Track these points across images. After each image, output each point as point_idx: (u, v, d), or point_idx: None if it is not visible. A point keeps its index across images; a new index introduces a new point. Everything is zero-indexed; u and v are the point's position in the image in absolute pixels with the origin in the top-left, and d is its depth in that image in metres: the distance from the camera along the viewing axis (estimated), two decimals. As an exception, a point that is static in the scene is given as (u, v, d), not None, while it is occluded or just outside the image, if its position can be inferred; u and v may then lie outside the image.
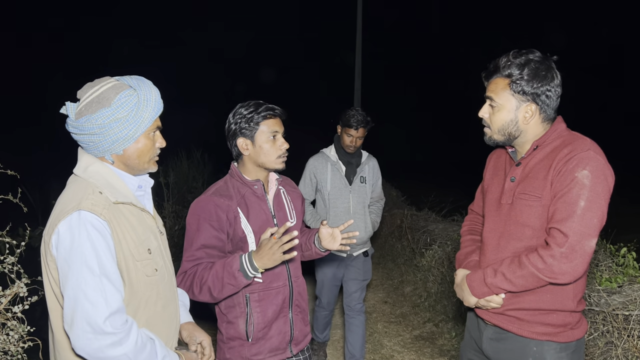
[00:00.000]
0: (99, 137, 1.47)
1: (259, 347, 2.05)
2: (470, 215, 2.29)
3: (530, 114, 1.80)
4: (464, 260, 2.09)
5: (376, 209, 3.75)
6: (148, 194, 1.69)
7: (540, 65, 1.77)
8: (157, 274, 1.57)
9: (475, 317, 2.06)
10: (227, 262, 1.90)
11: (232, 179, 2.10)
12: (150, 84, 1.57)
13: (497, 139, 1.88)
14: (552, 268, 1.66)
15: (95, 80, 1.53)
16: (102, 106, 1.46)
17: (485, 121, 1.90)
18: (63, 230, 1.38)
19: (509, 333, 1.88)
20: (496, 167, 2.06)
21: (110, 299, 1.36)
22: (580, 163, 1.68)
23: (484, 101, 1.90)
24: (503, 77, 1.81)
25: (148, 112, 1.52)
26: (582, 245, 1.65)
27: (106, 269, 1.38)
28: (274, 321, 2.07)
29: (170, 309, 1.65)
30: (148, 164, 1.60)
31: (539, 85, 1.76)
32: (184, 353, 1.62)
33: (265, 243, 1.82)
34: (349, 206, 3.59)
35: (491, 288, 1.82)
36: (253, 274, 1.87)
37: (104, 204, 1.44)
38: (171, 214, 6.47)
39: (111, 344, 1.34)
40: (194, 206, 2.05)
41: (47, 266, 1.44)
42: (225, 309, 2.05)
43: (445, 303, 4.63)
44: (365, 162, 3.66)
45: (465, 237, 2.20)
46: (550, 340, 1.80)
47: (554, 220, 1.70)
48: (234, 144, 2.06)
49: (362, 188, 3.62)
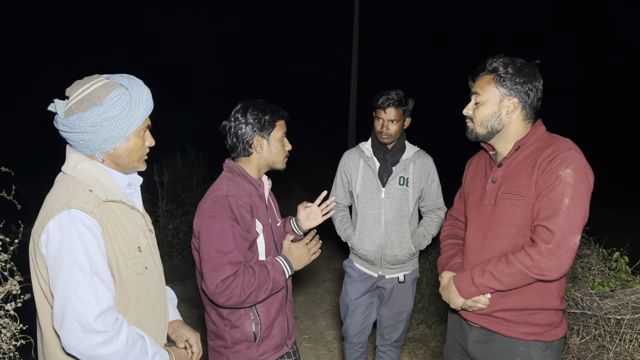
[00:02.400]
0: (90, 135, 1.46)
1: (265, 347, 2.06)
2: (449, 220, 2.33)
3: (512, 107, 1.86)
4: (446, 263, 2.10)
5: (429, 221, 2.97)
6: (137, 192, 1.68)
7: (524, 65, 1.86)
8: (147, 272, 1.56)
9: (459, 319, 2.07)
10: (270, 267, 1.97)
11: (236, 177, 2.04)
12: (141, 82, 1.57)
13: (479, 132, 1.93)
14: (540, 264, 1.70)
15: (85, 78, 1.52)
16: (94, 104, 1.45)
17: (469, 116, 1.95)
18: (53, 229, 1.37)
19: (496, 334, 1.90)
20: (476, 171, 2.10)
21: (101, 298, 1.35)
22: (563, 162, 1.73)
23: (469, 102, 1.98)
24: (489, 72, 1.90)
25: (139, 111, 1.51)
26: (568, 242, 1.69)
27: (97, 267, 1.37)
28: (276, 319, 2.09)
29: (160, 306, 1.66)
30: (138, 162, 1.60)
31: (522, 81, 1.84)
32: (173, 350, 1.63)
33: (297, 247, 2.07)
34: (380, 213, 2.90)
35: (479, 288, 1.84)
36: (290, 273, 2.03)
37: (94, 202, 1.43)
38: (165, 213, 6.44)
39: (102, 343, 1.33)
40: (213, 207, 1.91)
41: (35, 265, 1.43)
42: (228, 314, 2.01)
43: (438, 305, 4.64)
44: (411, 159, 2.93)
45: (446, 242, 2.24)
46: (537, 340, 1.85)
47: (540, 217, 1.74)
48: (246, 141, 2.03)
49: (400, 191, 2.89)
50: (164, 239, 6.11)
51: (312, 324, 4.73)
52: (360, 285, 3.05)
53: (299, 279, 5.97)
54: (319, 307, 5.13)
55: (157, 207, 6.37)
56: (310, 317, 4.87)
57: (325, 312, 5.02)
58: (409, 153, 2.95)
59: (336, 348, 4.22)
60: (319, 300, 5.34)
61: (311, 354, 4.12)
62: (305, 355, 4.10)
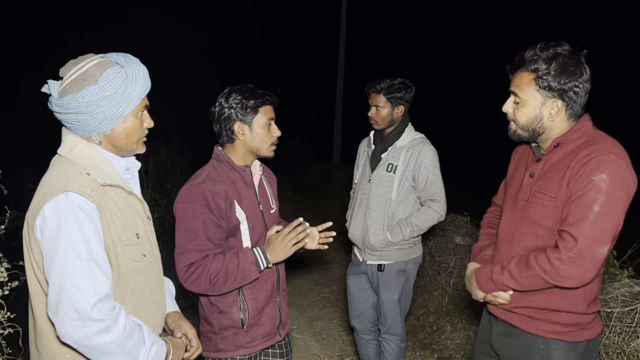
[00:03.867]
0: (86, 116, 1.41)
1: (253, 334, 2.04)
2: (492, 207, 2.27)
3: (556, 110, 1.73)
4: (478, 253, 2.09)
5: (417, 213, 2.85)
6: (135, 177, 1.63)
7: (568, 60, 1.68)
8: (145, 260, 1.52)
9: (488, 314, 2.06)
10: (241, 256, 1.92)
11: (220, 164, 2.04)
12: (138, 61, 1.51)
13: (522, 134, 1.83)
14: (559, 272, 1.63)
15: (79, 57, 1.46)
16: (89, 83, 1.39)
17: (509, 116, 1.84)
18: (49, 213, 1.31)
19: (517, 329, 1.87)
20: (520, 161, 2.01)
21: (99, 285, 1.30)
22: (599, 166, 1.61)
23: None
24: (529, 71, 1.73)
25: (136, 90, 1.46)
26: (592, 251, 1.59)
27: (94, 253, 1.32)
28: (265, 307, 2.07)
29: (158, 296, 1.61)
30: (136, 144, 1.54)
31: (566, 81, 1.68)
32: (170, 339, 1.58)
33: (275, 238, 1.97)
34: (367, 198, 2.93)
35: (497, 284, 1.81)
36: (265, 267, 1.96)
37: (92, 185, 1.37)
38: (150, 202, 6.36)
39: (99, 331, 1.28)
40: (187, 194, 1.93)
41: (29, 250, 1.37)
42: (215, 300, 2.01)
43: (426, 297, 4.66)
44: (407, 146, 2.87)
45: (484, 230, 2.19)
46: (558, 339, 1.78)
47: (566, 222, 1.65)
48: (227, 127, 2.00)
49: (386, 178, 2.87)
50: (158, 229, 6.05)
51: (300, 314, 4.71)
52: (354, 269, 3.12)
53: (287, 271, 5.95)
54: (306, 299, 5.12)
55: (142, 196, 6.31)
56: (298, 308, 4.86)
57: (313, 303, 5.00)
58: (404, 140, 2.90)
59: (325, 339, 4.21)
60: (307, 291, 5.33)
61: (300, 345, 4.11)
62: (294, 346, 4.08)
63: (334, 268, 6.02)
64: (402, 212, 2.88)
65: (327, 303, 4.98)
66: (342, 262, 6.15)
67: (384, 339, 3.04)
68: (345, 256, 6.05)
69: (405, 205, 2.89)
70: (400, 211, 2.87)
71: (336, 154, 13.63)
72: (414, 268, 3.00)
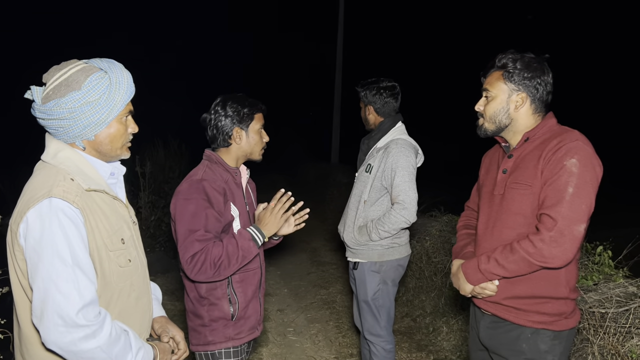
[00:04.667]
0: (69, 122, 1.40)
1: (241, 327, 2.14)
2: (466, 211, 2.38)
3: (520, 102, 1.91)
4: (459, 252, 2.18)
5: (383, 217, 2.77)
6: (120, 182, 1.62)
7: (532, 60, 1.90)
8: (130, 265, 1.51)
9: (474, 309, 2.15)
10: (237, 237, 2.03)
11: (213, 164, 2.15)
12: (122, 66, 1.50)
13: (488, 127, 1.98)
14: (542, 252, 1.74)
15: (62, 63, 1.45)
16: (72, 89, 1.38)
17: (480, 112, 2.00)
18: (32, 219, 1.30)
19: (506, 322, 1.95)
20: (490, 163, 2.15)
21: (84, 290, 1.29)
22: (569, 152, 1.76)
23: (476, 98, 2.02)
24: (498, 69, 1.94)
25: (120, 96, 1.45)
26: (571, 230, 1.72)
27: (79, 259, 1.31)
28: (251, 301, 2.17)
29: (144, 300, 1.60)
30: (121, 150, 1.54)
31: (529, 76, 1.88)
32: (157, 344, 1.58)
33: (264, 213, 2.11)
34: (350, 197, 3.01)
35: (485, 274, 1.90)
36: (262, 241, 2.07)
37: (76, 191, 1.37)
38: (147, 204, 6.34)
39: (84, 337, 1.27)
40: (188, 191, 2.02)
41: (13, 257, 1.36)
42: (206, 292, 2.08)
43: (423, 298, 4.65)
44: (383, 147, 2.87)
45: (461, 232, 2.30)
46: (545, 329, 1.87)
47: (544, 206, 1.78)
48: (225, 133, 2.13)
49: (363, 178, 2.91)
50: (145, 231, 6.02)
51: (297, 316, 4.70)
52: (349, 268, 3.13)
53: (284, 272, 5.95)
54: (303, 300, 5.11)
55: (139, 198, 6.27)
56: (295, 310, 4.85)
57: (309, 304, 4.99)
58: (383, 142, 2.88)
59: (321, 341, 4.20)
60: (304, 292, 5.32)
61: (296, 347, 4.10)
62: (290, 348, 4.07)
63: (331, 269, 6.01)
64: (374, 213, 2.85)
65: (324, 305, 4.97)
66: (339, 263, 6.14)
67: (369, 341, 3.00)
68: (342, 257, 6.03)
69: (379, 207, 2.86)
70: (373, 212, 2.85)
71: (334, 154, 13.61)
72: (390, 271, 2.91)
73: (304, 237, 7.28)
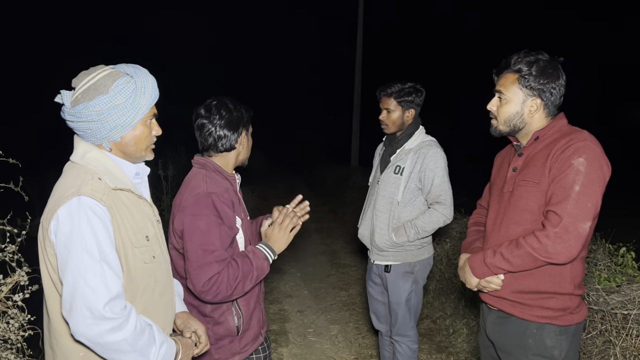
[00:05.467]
0: (97, 124, 1.46)
1: (246, 339, 2.09)
2: (478, 209, 2.42)
3: (535, 107, 1.93)
4: (468, 247, 2.22)
5: (422, 215, 2.85)
6: (145, 182, 1.68)
7: (548, 64, 1.91)
8: (154, 261, 1.56)
9: (481, 305, 2.18)
10: (251, 256, 1.96)
11: (210, 172, 2.02)
12: (146, 71, 1.56)
13: (502, 129, 2.01)
14: (547, 248, 1.77)
15: (91, 68, 1.52)
16: (100, 93, 1.45)
17: (492, 113, 2.03)
18: (62, 216, 1.37)
19: (511, 316, 1.98)
20: (502, 162, 2.19)
21: (110, 285, 1.35)
22: (577, 151, 1.79)
23: (493, 95, 2.04)
24: (513, 72, 1.95)
25: (145, 99, 1.51)
26: (576, 227, 1.75)
27: (106, 254, 1.37)
28: (254, 310, 2.13)
29: (167, 296, 1.66)
30: (145, 151, 1.60)
31: (545, 82, 1.90)
32: (179, 339, 1.63)
33: (272, 230, 2.05)
34: (375, 199, 2.98)
35: (490, 268, 1.93)
36: (273, 258, 2.02)
37: (103, 189, 1.43)
38: (169, 207, 6.46)
39: (111, 329, 1.33)
40: (196, 206, 1.90)
41: (44, 252, 1.43)
42: (210, 312, 2.02)
43: (443, 300, 4.64)
44: (415, 148, 2.89)
45: (471, 228, 2.34)
46: (550, 323, 1.90)
47: (551, 203, 1.81)
48: (229, 137, 2.03)
49: (393, 180, 2.90)
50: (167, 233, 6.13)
51: (317, 317, 4.73)
52: (370, 272, 3.17)
53: (304, 274, 5.99)
54: (323, 302, 5.14)
55: (162, 201, 6.39)
56: (315, 311, 4.88)
57: (329, 306, 5.02)
58: (412, 143, 2.92)
59: (341, 342, 4.23)
60: (323, 294, 5.35)
61: (316, 348, 4.13)
62: (310, 349, 4.11)
63: (350, 271, 6.03)
64: (409, 214, 2.89)
65: (344, 306, 5.00)
66: (358, 265, 6.16)
67: (395, 341, 3.06)
68: (362, 259, 6.06)
69: (412, 207, 2.90)
70: (407, 213, 2.89)
71: (354, 157, 13.62)
72: (422, 270, 3.00)
73: (324, 239, 7.34)
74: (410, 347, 3.03)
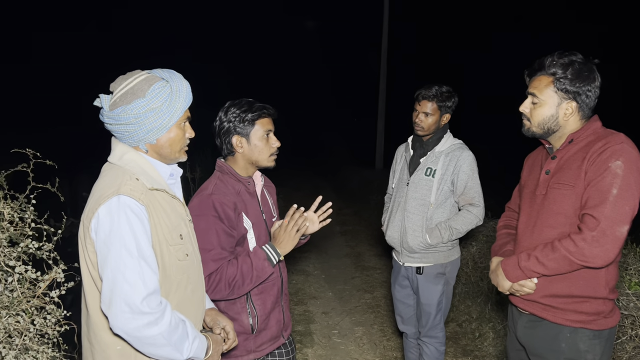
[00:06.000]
0: (135, 126, 1.52)
1: (262, 338, 2.13)
2: (507, 212, 2.39)
3: (570, 111, 1.91)
4: (499, 250, 2.19)
5: (456, 216, 2.90)
6: (178, 183, 1.74)
7: (583, 67, 1.88)
8: (187, 259, 1.62)
9: (511, 308, 2.15)
10: (252, 256, 2.00)
11: (224, 175, 2.10)
12: (181, 76, 1.62)
13: (536, 131, 1.99)
14: (584, 251, 1.75)
15: (128, 73, 1.58)
16: (137, 97, 1.51)
17: (525, 115, 2.00)
18: (103, 214, 1.43)
19: (544, 320, 1.96)
20: (533, 164, 2.16)
21: (148, 281, 1.41)
22: (614, 154, 1.77)
23: (525, 97, 2.01)
24: (547, 75, 1.92)
25: (180, 103, 1.57)
26: (613, 231, 1.73)
27: (144, 251, 1.43)
28: (272, 311, 2.15)
29: (198, 293, 1.71)
30: (179, 153, 1.65)
31: (581, 85, 1.87)
32: (210, 335, 1.68)
33: (278, 231, 2.06)
34: (404, 201, 2.98)
35: (524, 271, 1.91)
36: (277, 260, 2.04)
37: (141, 189, 1.49)
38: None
39: (147, 324, 1.38)
40: (198, 207, 2.00)
41: (85, 249, 1.49)
42: (225, 307, 2.07)
43: (469, 303, 4.61)
44: (446, 151, 2.92)
45: (501, 231, 2.31)
46: (584, 328, 1.88)
47: (587, 206, 1.79)
48: (226, 141, 2.09)
49: (424, 181, 2.91)
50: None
51: (341, 319, 4.75)
52: (396, 275, 3.17)
53: (328, 276, 6.01)
54: (347, 304, 5.15)
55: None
56: (339, 313, 4.90)
57: (354, 308, 5.03)
58: (443, 145, 2.94)
59: (365, 344, 4.24)
60: (348, 297, 5.36)
61: (341, 349, 4.15)
62: (335, 350, 4.13)
63: (375, 274, 6.03)
64: (440, 215, 2.92)
65: (369, 309, 5.00)
66: (383, 268, 6.15)
67: (423, 342, 3.08)
68: (387, 262, 6.05)
69: (444, 209, 2.93)
70: (439, 214, 2.92)
71: (379, 160, 13.60)
72: (453, 271, 3.02)
73: (348, 242, 7.34)
74: (437, 349, 3.04)
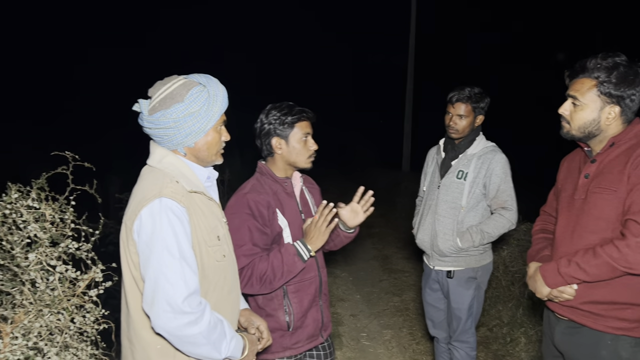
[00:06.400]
0: (174, 130, 1.56)
1: (298, 336, 2.16)
2: (542, 216, 2.33)
3: (613, 115, 1.85)
4: (535, 255, 2.14)
5: (488, 220, 2.85)
6: (214, 185, 1.77)
7: (628, 70, 1.81)
8: (225, 260, 1.65)
9: (548, 313, 2.10)
10: (282, 251, 2.06)
11: (262, 176, 2.19)
12: (217, 81, 1.66)
13: (575, 134, 1.93)
14: (627, 257, 1.71)
15: (165, 78, 1.62)
16: (176, 101, 1.54)
17: (565, 117, 1.95)
18: (145, 216, 1.47)
19: (584, 327, 1.91)
20: (570, 168, 2.10)
21: (189, 281, 1.44)
22: None
23: (565, 99, 1.96)
24: (590, 78, 1.85)
25: (217, 107, 1.60)
26: None
27: (184, 252, 1.46)
28: (309, 310, 2.19)
29: (234, 294, 1.74)
30: (216, 155, 1.69)
31: (625, 89, 1.81)
32: (245, 335, 1.70)
33: (308, 227, 2.08)
34: (435, 204, 2.94)
35: (565, 277, 1.87)
36: (308, 256, 2.06)
37: (182, 192, 1.52)
38: (226, 210, 6.66)
39: (188, 323, 1.42)
40: (234, 205, 2.10)
41: (127, 250, 1.53)
42: (262, 303, 2.14)
43: (499, 308, 4.54)
44: (478, 153, 2.87)
45: (537, 236, 2.25)
46: (626, 335, 1.83)
47: (630, 212, 1.74)
48: (266, 142, 2.16)
49: (456, 184, 2.87)
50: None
51: (370, 322, 4.74)
52: (427, 279, 3.14)
53: (356, 278, 6.00)
54: (376, 307, 5.14)
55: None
56: (368, 316, 4.89)
57: (382, 311, 5.02)
58: (475, 148, 2.90)
59: (394, 347, 4.22)
60: (376, 299, 5.35)
61: (369, 352, 4.15)
62: (363, 353, 4.13)
63: (404, 277, 5.99)
64: (472, 219, 2.88)
65: (397, 312, 4.98)
66: (412, 271, 6.11)
67: (454, 347, 3.05)
68: (415, 265, 6.01)
69: (475, 212, 2.89)
70: (470, 218, 2.88)
71: (405, 162, 13.51)
72: (484, 275, 2.98)
73: (375, 244, 7.32)
74: (468, 354, 3.01)
